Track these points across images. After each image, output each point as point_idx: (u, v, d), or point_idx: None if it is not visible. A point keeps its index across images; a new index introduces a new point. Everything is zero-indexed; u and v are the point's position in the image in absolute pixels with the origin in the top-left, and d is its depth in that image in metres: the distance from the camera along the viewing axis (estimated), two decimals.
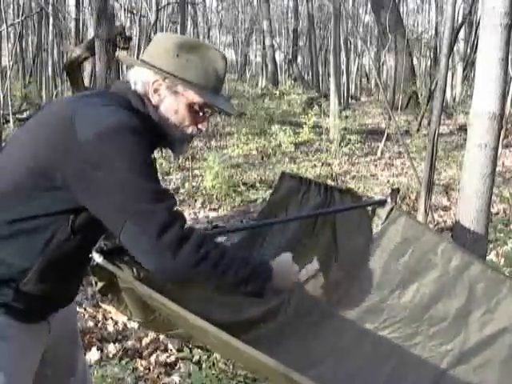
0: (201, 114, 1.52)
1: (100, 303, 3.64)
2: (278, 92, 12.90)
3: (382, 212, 2.33)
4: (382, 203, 2.36)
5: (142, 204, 1.32)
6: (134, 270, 1.76)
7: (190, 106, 1.49)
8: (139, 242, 1.33)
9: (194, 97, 1.47)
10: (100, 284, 1.64)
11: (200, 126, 1.53)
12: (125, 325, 3.38)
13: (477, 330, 2.03)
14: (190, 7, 18.92)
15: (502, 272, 2.39)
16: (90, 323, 3.40)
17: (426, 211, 3.93)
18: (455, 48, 13.72)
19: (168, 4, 14.94)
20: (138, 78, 1.48)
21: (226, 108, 1.58)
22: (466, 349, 2.02)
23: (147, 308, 1.65)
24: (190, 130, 1.52)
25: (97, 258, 1.53)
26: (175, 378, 2.82)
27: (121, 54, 1.69)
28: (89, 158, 1.31)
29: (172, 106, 1.48)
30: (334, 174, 7.77)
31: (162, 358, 3.01)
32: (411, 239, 2.25)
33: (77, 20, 13.09)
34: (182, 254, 1.32)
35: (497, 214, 6.05)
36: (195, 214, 6.06)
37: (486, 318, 2.03)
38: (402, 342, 2.10)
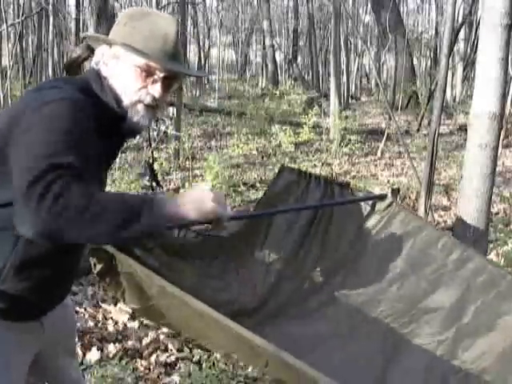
0: (151, 78, 1.44)
1: (100, 303, 3.65)
2: (278, 92, 12.90)
3: (382, 206, 2.34)
4: (382, 198, 2.36)
5: (33, 160, 1.21)
6: (136, 252, 1.78)
7: (137, 71, 1.43)
8: (16, 197, 1.21)
9: (137, 59, 1.42)
10: (99, 266, 1.64)
11: (151, 90, 1.45)
12: (125, 325, 3.38)
13: (472, 322, 2.04)
14: (190, 7, 18.90)
15: (503, 267, 2.40)
16: (90, 323, 3.40)
17: (426, 211, 3.93)
18: (455, 48, 13.70)
19: (168, 4, 14.91)
20: (96, 55, 1.49)
21: (180, 69, 1.51)
22: (459, 339, 2.03)
23: (144, 295, 1.65)
24: (139, 95, 1.44)
25: None
26: (175, 377, 2.82)
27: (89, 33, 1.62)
28: (21, 125, 1.29)
29: (118, 72, 1.45)
30: (334, 174, 7.78)
31: (162, 357, 3.01)
32: (411, 233, 2.26)
33: (77, 20, 13.06)
34: (43, 205, 1.16)
35: (497, 214, 6.06)
36: None
37: (482, 310, 2.04)
38: (397, 331, 2.12)
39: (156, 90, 1.45)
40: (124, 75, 1.44)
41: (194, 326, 1.72)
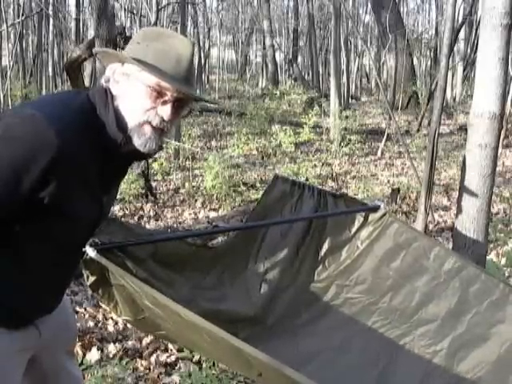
0: (161, 99, 1.36)
1: (100, 303, 3.65)
2: (278, 92, 12.92)
3: (375, 218, 2.34)
4: (375, 209, 2.37)
5: None
6: (129, 265, 1.77)
7: (147, 91, 1.35)
8: None
9: (148, 78, 1.34)
10: (92, 278, 1.64)
11: (160, 111, 1.36)
12: (125, 325, 3.37)
13: (466, 332, 2.04)
14: (190, 7, 18.89)
15: (496, 276, 2.40)
16: (90, 323, 3.40)
17: (426, 211, 3.93)
18: (455, 48, 13.72)
19: (168, 4, 14.92)
20: (107, 71, 1.43)
21: (191, 92, 1.42)
22: (454, 350, 2.02)
23: (137, 307, 1.65)
24: (147, 116, 1.36)
25: (90, 252, 1.53)
26: (175, 377, 2.82)
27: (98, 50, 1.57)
28: None
29: (127, 90, 1.38)
30: (334, 174, 7.78)
31: (163, 357, 3.01)
32: (403, 244, 2.26)
33: (77, 20, 13.09)
34: None
35: (497, 214, 6.06)
36: (195, 214, 6.06)
37: (476, 319, 2.04)
38: (391, 343, 2.12)
39: (165, 111, 1.37)
40: (133, 94, 1.37)
41: (187, 337, 1.72)
